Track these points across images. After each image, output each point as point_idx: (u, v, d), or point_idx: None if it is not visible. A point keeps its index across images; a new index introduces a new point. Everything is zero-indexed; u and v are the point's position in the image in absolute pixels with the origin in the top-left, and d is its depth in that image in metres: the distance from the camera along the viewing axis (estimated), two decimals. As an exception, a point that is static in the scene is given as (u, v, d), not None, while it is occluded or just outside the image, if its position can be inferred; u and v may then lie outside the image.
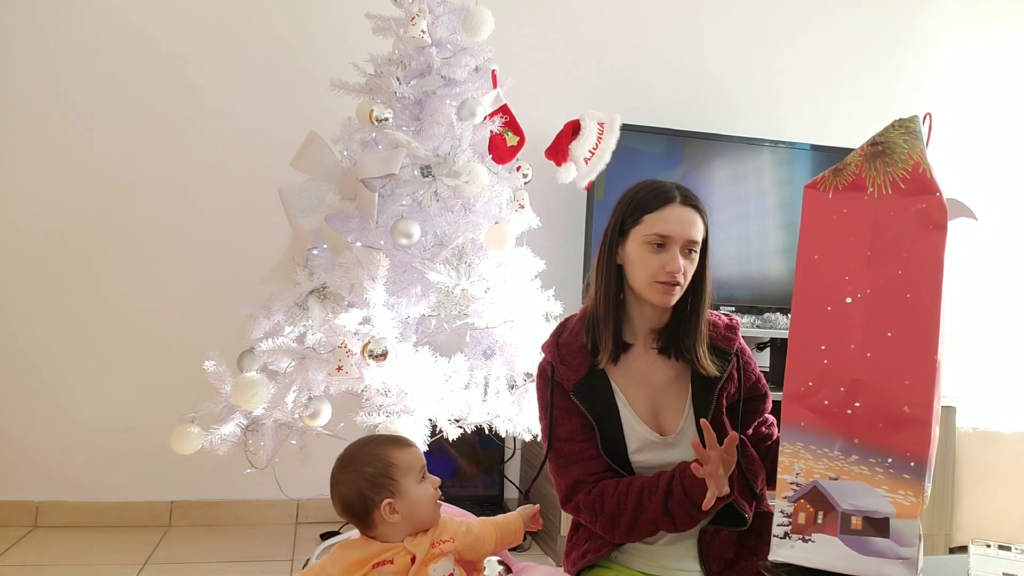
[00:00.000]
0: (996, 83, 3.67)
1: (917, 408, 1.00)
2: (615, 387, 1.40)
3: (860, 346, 1.03)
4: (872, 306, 1.04)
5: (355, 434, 2.38)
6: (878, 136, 1.07)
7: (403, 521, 1.24)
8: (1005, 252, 3.60)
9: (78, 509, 2.83)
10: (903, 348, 1.02)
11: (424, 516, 1.26)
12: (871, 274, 1.04)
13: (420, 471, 1.27)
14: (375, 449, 1.27)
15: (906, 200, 1.03)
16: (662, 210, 1.36)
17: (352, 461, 1.27)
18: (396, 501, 1.23)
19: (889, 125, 1.07)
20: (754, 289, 3.13)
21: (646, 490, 1.30)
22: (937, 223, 1.01)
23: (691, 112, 3.27)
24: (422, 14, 2.24)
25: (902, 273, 1.02)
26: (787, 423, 1.08)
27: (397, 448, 1.27)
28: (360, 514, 1.25)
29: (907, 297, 1.02)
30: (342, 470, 1.27)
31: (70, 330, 2.86)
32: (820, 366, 1.06)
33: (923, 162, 1.03)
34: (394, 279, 2.21)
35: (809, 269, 1.08)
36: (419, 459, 1.28)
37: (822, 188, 1.09)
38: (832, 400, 1.05)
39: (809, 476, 1.05)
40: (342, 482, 1.26)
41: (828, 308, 1.06)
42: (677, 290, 1.37)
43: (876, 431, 1.02)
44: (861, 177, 1.06)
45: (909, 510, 1.01)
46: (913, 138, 1.04)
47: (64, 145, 2.86)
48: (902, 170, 1.04)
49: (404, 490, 1.23)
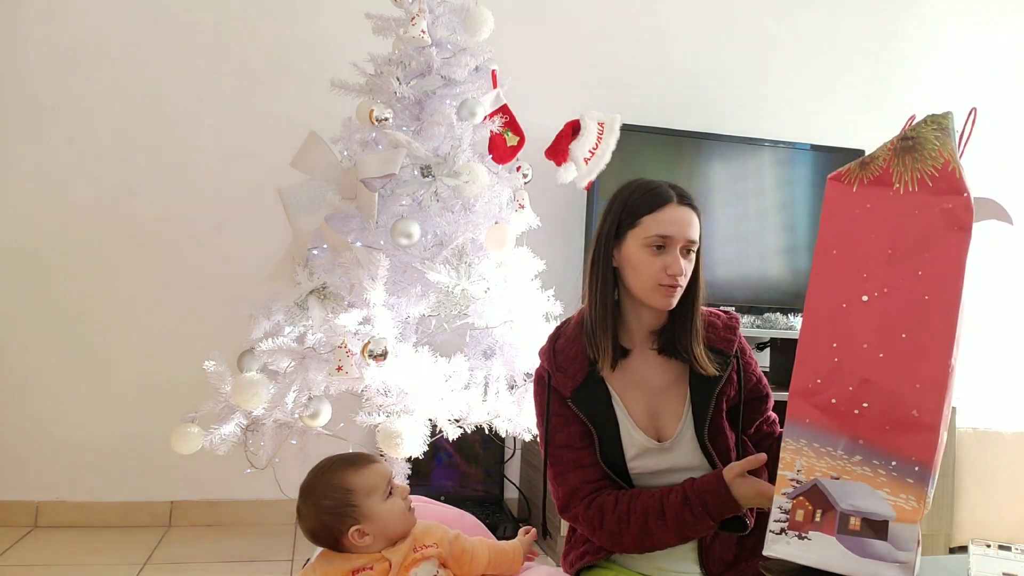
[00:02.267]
0: (996, 82, 3.67)
1: (926, 413, 0.98)
2: (613, 393, 1.38)
3: (873, 346, 1.01)
4: (888, 306, 1.01)
5: (355, 434, 2.40)
6: (909, 131, 1.03)
7: (375, 541, 1.21)
8: (1005, 251, 3.60)
9: (78, 509, 2.83)
10: (917, 351, 0.99)
11: (397, 530, 1.24)
12: (890, 273, 1.01)
13: (384, 488, 1.23)
14: (332, 477, 1.23)
15: (932, 199, 1.00)
16: (660, 211, 1.34)
17: (311, 493, 1.24)
18: (364, 525, 1.20)
19: (921, 120, 1.03)
20: (754, 289, 3.12)
21: (652, 516, 1.27)
22: (962, 225, 0.98)
23: (691, 112, 3.27)
24: (422, 14, 2.24)
25: (922, 274, 0.99)
26: (792, 419, 1.06)
27: (354, 471, 1.23)
28: (330, 543, 1.23)
29: (925, 299, 0.99)
30: (304, 502, 1.24)
31: (70, 330, 2.86)
32: (830, 363, 1.03)
33: (953, 160, 0.99)
34: (394, 279, 2.21)
35: (826, 263, 1.05)
36: (381, 476, 1.24)
37: (846, 181, 1.05)
38: (840, 399, 1.02)
39: (810, 474, 1.04)
40: (305, 515, 1.23)
41: (843, 305, 1.03)
42: (678, 291, 1.35)
43: (882, 433, 1.00)
44: (888, 172, 1.02)
45: (910, 514, 0.99)
46: (945, 135, 1.01)
47: (65, 145, 2.86)
48: (931, 167, 1.00)
49: (369, 512, 1.20)
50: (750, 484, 1.23)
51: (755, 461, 1.23)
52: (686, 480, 1.30)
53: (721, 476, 1.25)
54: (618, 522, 1.29)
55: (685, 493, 1.27)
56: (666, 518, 1.26)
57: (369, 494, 1.21)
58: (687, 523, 1.25)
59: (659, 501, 1.28)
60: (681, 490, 1.28)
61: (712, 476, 1.27)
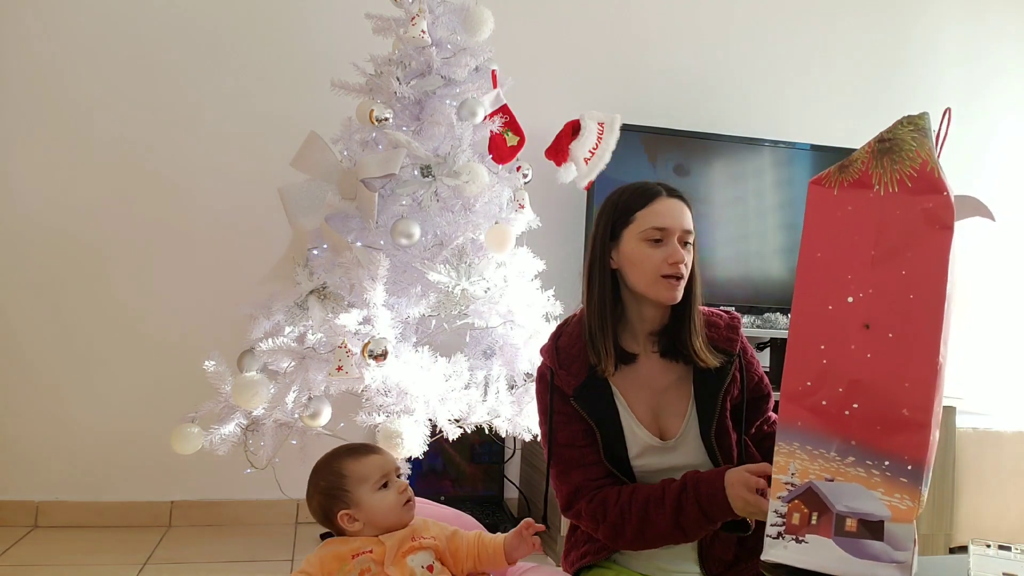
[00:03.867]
0: (996, 82, 3.67)
1: (916, 411, 0.99)
2: (615, 391, 1.38)
3: (860, 346, 1.02)
4: (874, 306, 1.02)
5: (355, 434, 2.40)
6: (886, 133, 1.04)
7: (365, 527, 1.28)
8: (1004, 251, 3.60)
9: (78, 509, 2.83)
10: (904, 350, 1.00)
11: (388, 522, 1.28)
12: (874, 273, 1.02)
13: (378, 479, 1.29)
14: (332, 462, 1.32)
15: (913, 199, 1.01)
16: (652, 205, 1.36)
17: (314, 474, 1.33)
18: (353, 511, 1.27)
19: (897, 122, 1.04)
20: (754, 289, 3.12)
21: (652, 503, 1.28)
22: (943, 223, 0.99)
23: (691, 112, 3.27)
24: (422, 14, 2.24)
25: (906, 273, 1.00)
26: (784, 423, 1.06)
27: (353, 459, 1.30)
28: (327, 523, 1.31)
29: (910, 298, 1.00)
30: (309, 482, 1.33)
31: (70, 329, 2.86)
32: (819, 366, 1.04)
33: (931, 160, 1.00)
34: (394, 279, 2.21)
35: (811, 267, 1.06)
36: (377, 467, 1.30)
37: (827, 184, 1.06)
38: (830, 400, 1.03)
39: (805, 476, 1.04)
40: (309, 495, 1.32)
41: (829, 307, 1.04)
42: (681, 284, 1.35)
43: (874, 433, 1.01)
44: (867, 174, 1.04)
45: (905, 514, 0.99)
46: (922, 135, 1.02)
47: (65, 144, 2.86)
48: (910, 168, 1.01)
49: (358, 500, 1.27)
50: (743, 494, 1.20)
51: (762, 469, 1.20)
52: (690, 471, 1.31)
53: (722, 473, 1.25)
54: (620, 513, 1.29)
55: (685, 481, 1.28)
56: (664, 504, 1.27)
57: (360, 482, 1.28)
58: (682, 509, 1.25)
59: (660, 489, 1.29)
60: (682, 479, 1.29)
61: (715, 470, 1.28)
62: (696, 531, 1.27)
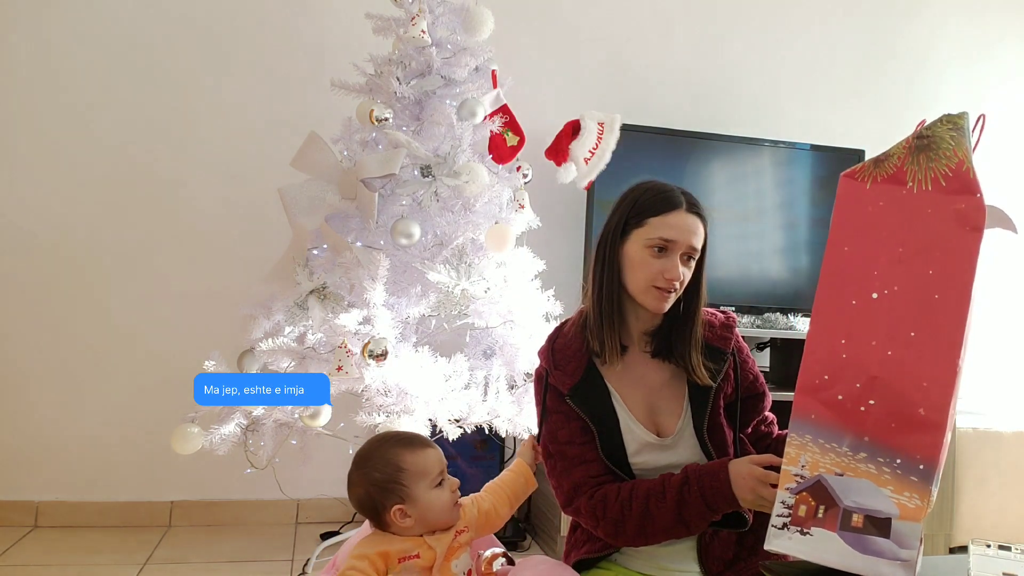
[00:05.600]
0: (996, 82, 3.67)
1: (932, 411, 0.98)
2: (611, 390, 1.39)
3: (882, 343, 1.01)
4: (898, 304, 1.01)
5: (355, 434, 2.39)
6: (925, 129, 1.03)
7: (416, 524, 1.21)
8: (1005, 251, 3.60)
9: (78, 509, 2.83)
10: (925, 349, 0.99)
11: (439, 520, 1.23)
12: (901, 271, 1.01)
13: (436, 475, 1.22)
14: (387, 451, 1.23)
15: (946, 198, 1.00)
16: (667, 215, 1.34)
17: (365, 462, 1.24)
18: (407, 506, 1.20)
19: (937, 119, 1.03)
20: (754, 289, 3.12)
21: (653, 497, 1.28)
22: (974, 225, 0.98)
23: (691, 112, 3.27)
24: (422, 14, 2.24)
25: (933, 273, 0.99)
26: (798, 415, 1.05)
27: (410, 451, 1.23)
28: (373, 516, 1.24)
29: (935, 298, 0.99)
30: (356, 469, 1.24)
31: (70, 329, 2.86)
32: (839, 360, 1.03)
33: (967, 161, 0.99)
34: (394, 279, 2.21)
35: (837, 260, 1.05)
36: (435, 463, 1.24)
37: (860, 178, 1.05)
38: (847, 395, 1.02)
39: (814, 469, 1.04)
40: (355, 482, 1.24)
41: (853, 302, 1.03)
42: (672, 296, 1.36)
43: (888, 430, 1.00)
44: (902, 170, 1.02)
45: (913, 512, 0.99)
46: (960, 135, 1.01)
47: (65, 145, 2.85)
48: (945, 167, 1.00)
49: (415, 496, 1.20)
50: (756, 488, 1.19)
51: (766, 459, 1.20)
52: (691, 464, 1.31)
53: (725, 463, 1.25)
54: (621, 508, 1.29)
55: (686, 473, 1.28)
56: (666, 498, 1.27)
57: (418, 478, 1.21)
58: (685, 502, 1.25)
59: (661, 482, 1.29)
60: (684, 471, 1.29)
61: (716, 462, 1.28)
62: (699, 524, 1.27)
